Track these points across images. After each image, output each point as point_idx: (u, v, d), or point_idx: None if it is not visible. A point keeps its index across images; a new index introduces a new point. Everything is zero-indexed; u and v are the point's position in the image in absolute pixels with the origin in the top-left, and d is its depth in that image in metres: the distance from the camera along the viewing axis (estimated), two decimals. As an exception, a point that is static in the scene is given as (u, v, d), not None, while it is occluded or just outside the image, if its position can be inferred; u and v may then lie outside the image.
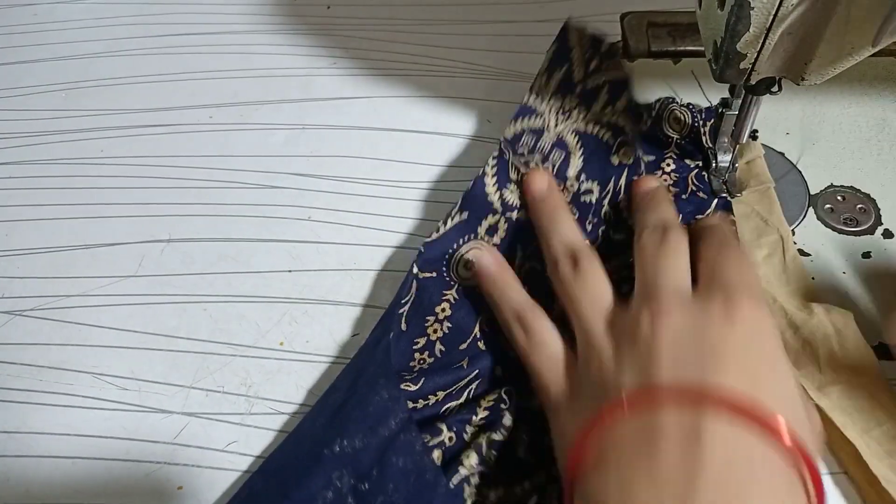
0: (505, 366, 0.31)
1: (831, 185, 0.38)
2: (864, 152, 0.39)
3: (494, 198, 0.34)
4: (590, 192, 0.34)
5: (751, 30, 0.25)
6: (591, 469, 0.24)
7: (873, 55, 0.26)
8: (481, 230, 0.34)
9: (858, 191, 0.38)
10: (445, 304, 0.33)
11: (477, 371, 0.31)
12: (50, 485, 0.31)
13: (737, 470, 0.22)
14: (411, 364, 0.32)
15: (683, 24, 0.40)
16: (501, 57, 0.46)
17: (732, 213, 0.35)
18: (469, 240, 0.33)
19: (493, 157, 0.35)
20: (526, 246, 0.34)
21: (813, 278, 0.34)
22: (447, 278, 0.33)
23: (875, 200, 0.37)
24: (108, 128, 0.44)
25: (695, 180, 0.37)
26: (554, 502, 0.27)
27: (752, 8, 0.25)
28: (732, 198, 0.36)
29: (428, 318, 0.32)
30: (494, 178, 0.34)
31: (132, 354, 0.35)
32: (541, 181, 0.34)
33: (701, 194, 0.36)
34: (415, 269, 0.32)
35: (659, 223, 0.30)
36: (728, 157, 0.36)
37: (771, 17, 0.25)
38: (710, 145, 0.37)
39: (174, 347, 0.35)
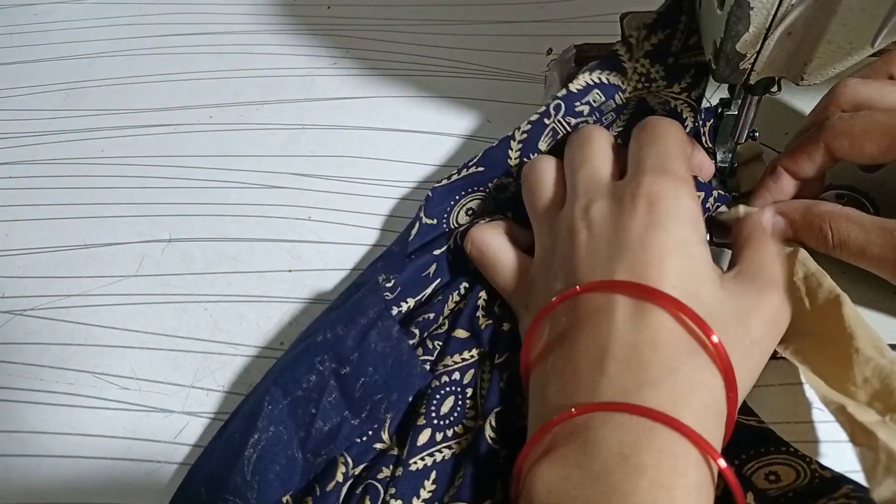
0: (473, 278, 0.33)
1: (830, 186, 0.38)
2: (863, 152, 0.39)
3: (514, 162, 0.34)
4: None
5: (750, 30, 0.26)
6: (536, 361, 0.27)
7: (873, 55, 0.26)
8: (491, 185, 0.35)
9: (858, 191, 0.38)
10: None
11: (439, 279, 0.34)
12: (51, 484, 0.31)
13: (640, 344, 0.24)
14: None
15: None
16: (501, 57, 0.46)
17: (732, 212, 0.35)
18: (476, 191, 0.35)
19: (529, 122, 0.34)
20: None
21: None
22: (445, 227, 0.35)
23: (874, 200, 0.37)
24: (109, 128, 0.45)
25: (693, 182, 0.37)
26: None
27: (752, 8, 0.25)
28: (732, 197, 0.36)
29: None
30: (520, 144, 0.34)
31: (133, 354, 0.35)
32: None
33: (699, 193, 0.36)
34: (421, 214, 0.34)
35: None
36: (728, 157, 0.36)
37: (770, 17, 0.25)
38: (710, 145, 0.37)
39: (175, 347, 0.35)
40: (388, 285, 0.32)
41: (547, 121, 0.34)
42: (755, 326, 0.26)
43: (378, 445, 0.30)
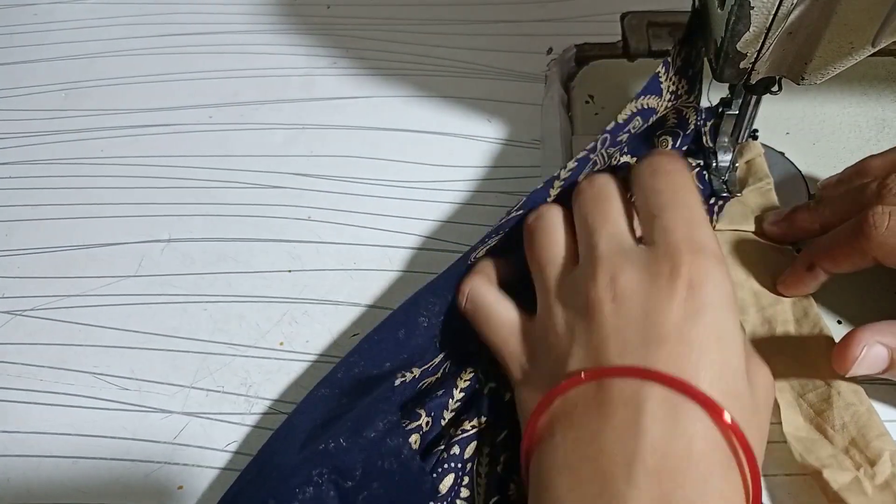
0: (479, 342, 0.31)
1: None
2: (864, 152, 0.39)
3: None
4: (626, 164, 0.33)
5: (751, 29, 0.26)
6: (542, 440, 0.24)
7: (873, 55, 0.26)
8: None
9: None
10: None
11: (447, 352, 0.31)
12: (51, 485, 0.31)
13: (673, 455, 0.22)
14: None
15: (683, 24, 0.40)
16: (501, 57, 0.46)
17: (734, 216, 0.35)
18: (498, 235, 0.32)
19: (576, 160, 0.31)
20: None
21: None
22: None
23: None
24: (109, 128, 0.44)
25: (695, 180, 0.37)
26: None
27: (752, 7, 0.25)
28: (732, 197, 0.36)
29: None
30: (562, 182, 0.31)
31: (132, 354, 0.35)
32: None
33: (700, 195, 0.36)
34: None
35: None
36: (728, 157, 0.36)
37: (771, 17, 0.25)
38: (711, 145, 0.37)
39: (174, 347, 0.35)
40: (405, 380, 0.30)
41: (592, 156, 0.32)
42: (764, 407, 0.25)
43: None
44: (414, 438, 0.28)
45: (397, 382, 0.29)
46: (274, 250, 0.38)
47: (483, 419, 0.29)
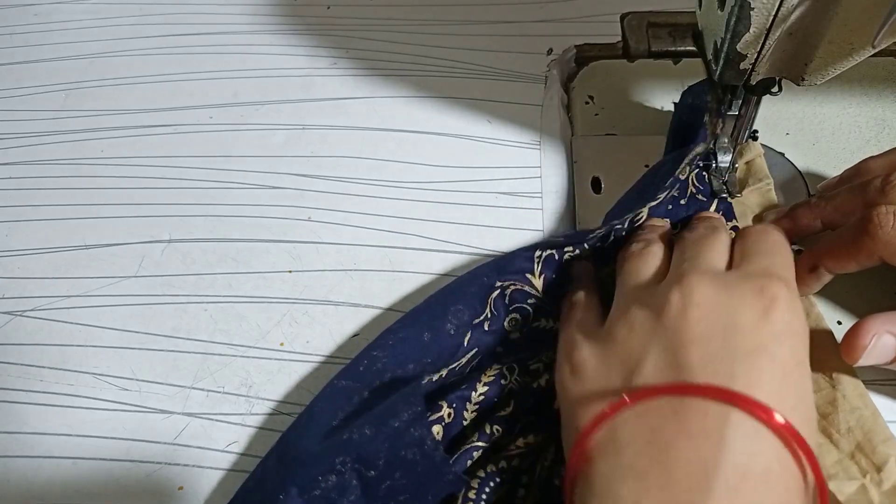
0: (506, 346, 0.32)
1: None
2: (864, 152, 0.39)
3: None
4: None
5: (751, 30, 0.26)
6: (601, 448, 0.23)
7: (873, 55, 0.26)
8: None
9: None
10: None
11: (476, 349, 0.31)
12: (51, 485, 0.31)
13: (752, 474, 0.21)
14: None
15: (683, 24, 0.40)
16: (501, 57, 0.46)
17: (735, 216, 0.35)
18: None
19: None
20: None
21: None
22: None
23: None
24: (109, 128, 0.45)
25: (695, 181, 0.37)
26: (556, 480, 0.28)
27: (752, 8, 0.25)
28: (732, 198, 0.36)
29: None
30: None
31: (132, 355, 0.35)
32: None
33: (700, 196, 0.36)
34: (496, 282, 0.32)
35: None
36: (728, 158, 0.36)
37: (771, 18, 0.25)
38: (711, 146, 0.37)
39: (174, 348, 0.35)
40: (432, 379, 0.30)
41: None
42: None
43: None
44: (436, 429, 0.28)
45: (424, 381, 0.29)
46: (274, 251, 0.38)
47: (541, 435, 0.29)
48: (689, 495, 0.21)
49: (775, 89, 0.31)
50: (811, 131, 0.41)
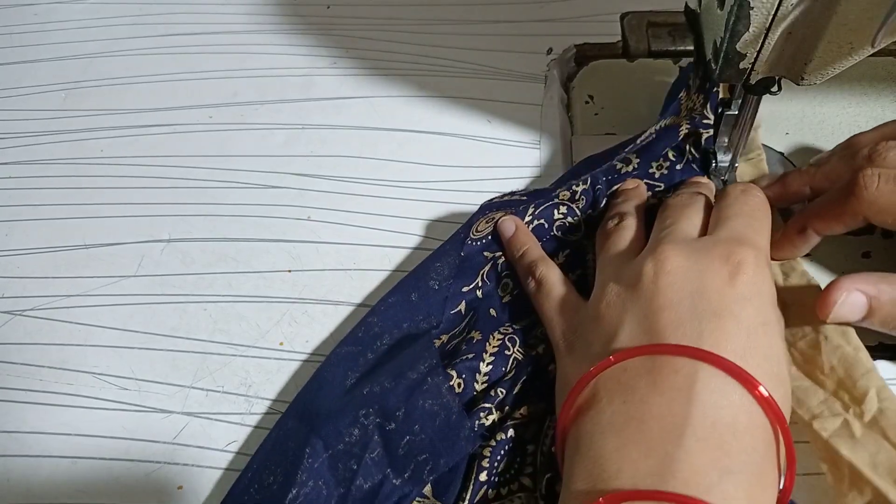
0: (499, 310, 0.33)
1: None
2: (863, 152, 0.39)
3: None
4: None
5: (750, 30, 0.26)
6: (584, 410, 0.25)
7: (873, 55, 0.26)
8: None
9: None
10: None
11: (473, 312, 0.33)
12: (50, 484, 0.31)
13: (720, 425, 0.23)
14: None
15: (683, 23, 0.40)
16: (501, 57, 0.46)
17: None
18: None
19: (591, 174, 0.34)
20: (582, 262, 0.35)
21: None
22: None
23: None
24: (108, 128, 0.45)
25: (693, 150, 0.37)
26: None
27: (752, 8, 0.25)
28: None
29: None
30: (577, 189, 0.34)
31: (132, 354, 0.35)
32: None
33: (695, 167, 0.36)
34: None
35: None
36: (728, 157, 0.36)
37: (771, 17, 0.25)
38: (710, 145, 0.37)
39: (174, 347, 0.35)
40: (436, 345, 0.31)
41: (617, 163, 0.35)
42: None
43: (418, 500, 0.29)
44: (457, 381, 0.29)
45: (434, 338, 0.31)
46: (274, 250, 0.38)
47: (543, 403, 0.30)
48: (662, 446, 0.23)
49: (775, 89, 0.31)
50: (811, 131, 0.41)
